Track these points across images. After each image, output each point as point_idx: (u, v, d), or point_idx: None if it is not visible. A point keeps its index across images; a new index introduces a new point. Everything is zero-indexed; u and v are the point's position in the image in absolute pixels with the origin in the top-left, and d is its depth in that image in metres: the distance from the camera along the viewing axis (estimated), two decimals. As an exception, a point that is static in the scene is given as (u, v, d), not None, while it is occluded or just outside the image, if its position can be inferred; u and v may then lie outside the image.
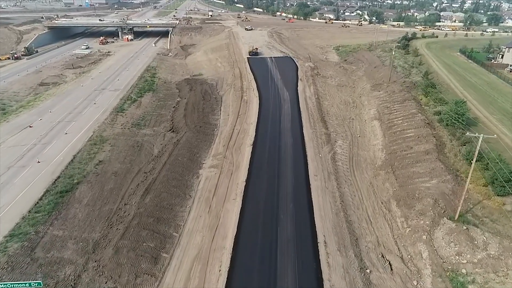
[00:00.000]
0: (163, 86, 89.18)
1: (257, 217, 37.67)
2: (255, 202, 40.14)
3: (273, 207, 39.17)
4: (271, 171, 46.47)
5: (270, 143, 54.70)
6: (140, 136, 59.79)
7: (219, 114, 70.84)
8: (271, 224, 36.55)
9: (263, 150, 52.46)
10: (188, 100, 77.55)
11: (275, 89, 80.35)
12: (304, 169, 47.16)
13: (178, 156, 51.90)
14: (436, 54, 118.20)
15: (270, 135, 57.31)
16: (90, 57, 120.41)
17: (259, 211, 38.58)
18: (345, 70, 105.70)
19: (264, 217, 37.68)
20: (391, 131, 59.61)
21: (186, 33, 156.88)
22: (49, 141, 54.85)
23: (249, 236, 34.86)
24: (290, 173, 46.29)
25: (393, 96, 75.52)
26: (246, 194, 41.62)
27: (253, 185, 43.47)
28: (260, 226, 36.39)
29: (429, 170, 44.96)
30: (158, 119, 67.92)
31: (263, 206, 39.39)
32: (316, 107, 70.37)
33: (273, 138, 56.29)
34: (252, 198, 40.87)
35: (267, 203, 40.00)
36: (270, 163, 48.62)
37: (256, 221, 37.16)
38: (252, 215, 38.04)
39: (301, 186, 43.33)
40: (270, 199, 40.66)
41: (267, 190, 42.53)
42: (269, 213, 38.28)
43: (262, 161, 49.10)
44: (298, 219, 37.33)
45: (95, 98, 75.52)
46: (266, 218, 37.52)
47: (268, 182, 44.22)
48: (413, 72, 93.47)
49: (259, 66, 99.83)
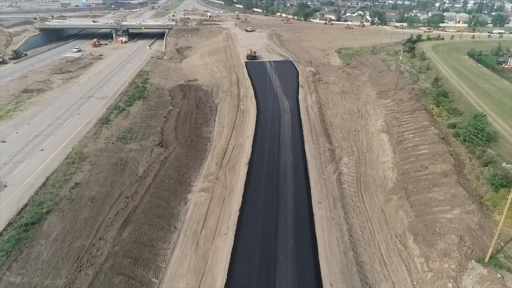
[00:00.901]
0: (155, 93, 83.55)
1: (251, 259, 32.09)
2: (250, 238, 34.55)
3: (270, 245, 33.58)
4: (269, 198, 40.87)
5: (268, 161, 49.09)
6: (125, 152, 54.18)
7: (213, 125, 65.22)
8: (268, 268, 30.97)
9: (260, 170, 46.85)
10: (180, 109, 71.94)
11: (274, 97, 74.72)
12: (306, 195, 41.56)
13: (165, 177, 46.29)
14: (444, 57, 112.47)
15: (268, 152, 51.68)
16: (80, 61, 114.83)
17: (254, 251, 32.99)
18: (348, 75, 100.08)
19: (260, 258, 32.10)
20: (401, 146, 53.96)
21: (183, 35, 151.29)
22: (22, 160, 49.23)
23: (241, 285, 29.22)
24: (290, 200, 40.68)
25: (402, 105, 69.87)
26: (239, 227, 36.04)
27: (248, 215, 37.88)
28: (255, 271, 30.81)
29: (449, 196, 39.33)
30: (147, 131, 62.31)
31: (259, 244, 33.78)
32: (319, 118, 64.75)
33: (271, 156, 50.66)
34: (246, 233, 35.28)
35: (264, 239, 34.42)
36: (267, 187, 43.02)
37: (250, 264, 31.56)
38: (245, 255, 32.46)
39: (303, 217, 37.73)
40: (268, 234, 35.06)
41: (264, 222, 36.94)
42: (266, 253, 32.71)
43: (258, 185, 43.49)
44: (300, 262, 31.73)
45: (79, 108, 69.90)
46: (263, 259, 31.94)
47: (265, 211, 38.63)
48: (421, 77, 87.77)
49: (257, 71, 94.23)
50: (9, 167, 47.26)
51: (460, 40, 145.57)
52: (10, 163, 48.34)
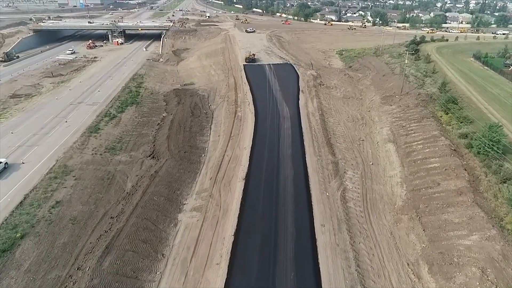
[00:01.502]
0: (149, 98, 79.84)
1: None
2: (245, 269, 30.84)
3: (268, 279, 29.83)
4: (267, 220, 37.16)
5: (266, 176, 45.37)
6: (113, 164, 50.49)
7: (209, 134, 61.50)
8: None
9: (258, 187, 43.12)
10: (174, 117, 68.20)
11: (274, 103, 70.99)
12: (308, 216, 37.83)
13: (154, 195, 42.57)
14: (449, 60, 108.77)
15: (267, 166, 47.94)
16: (74, 64, 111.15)
17: (249, 285, 29.23)
18: (350, 79, 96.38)
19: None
20: (410, 158, 50.22)
21: (180, 36, 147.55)
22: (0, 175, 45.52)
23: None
24: (290, 222, 36.96)
25: (408, 112, 66.16)
26: (233, 255, 32.29)
27: (243, 241, 34.16)
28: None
29: (465, 219, 35.61)
30: (138, 141, 58.61)
31: (255, 277, 30.05)
32: (321, 126, 61.01)
33: (269, 170, 46.93)
34: (241, 263, 31.56)
35: (261, 271, 30.68)
36: (265, 207, 39.30)
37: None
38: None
39: (305, 243, 34.00)
40: (265, 265, 31.32)
41: (261, 249, 33.22)
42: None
43: (255, 204, 39.77)
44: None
45: (68, 115, 66.20)
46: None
47: (262, 236, 34.92)
48: (427, 82, 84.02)
49: (256, 75, 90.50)
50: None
51: (464, 41, 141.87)
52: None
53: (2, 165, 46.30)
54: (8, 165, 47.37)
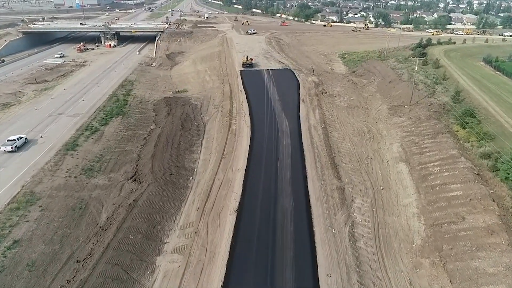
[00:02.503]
0: (137, 108, 73.67)
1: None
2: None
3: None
4: (261, 269, 30.91)
5: (261, 208, 39.15)
6: (89, 189, 44.34)
7: (199, 151, 55.27)
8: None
9: (251, 222, 36.92)
10: (162, 130, 62.03)
11: (272, 115, 64.77)
12: (311, 263, 31.61)
13: (131, 231, 36.37)
14: (459, 64, 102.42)
15: (263, 193, 41.73)
16: (61, 68, 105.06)
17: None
18: (354, 85, 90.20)
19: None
20: (426, 183, 44.00)
21: (175, 38, 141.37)
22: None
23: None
24: (290, 273, 30.68)
25: (420, 125, 59.92)
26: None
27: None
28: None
29: (502, 269, 29.44)
30: (120, 159, 52.44)
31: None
32: (324, 143, 54.78)
33: (266, 198, 40.72)
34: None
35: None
36: (260, 250, 33.09)
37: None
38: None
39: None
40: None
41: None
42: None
43: (248, 246, 33.56)
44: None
45: (44, 129, 60.08)
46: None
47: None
48: (438, 90, 77.81)
49: (253, 81, 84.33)
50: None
51: (473, 44, 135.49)
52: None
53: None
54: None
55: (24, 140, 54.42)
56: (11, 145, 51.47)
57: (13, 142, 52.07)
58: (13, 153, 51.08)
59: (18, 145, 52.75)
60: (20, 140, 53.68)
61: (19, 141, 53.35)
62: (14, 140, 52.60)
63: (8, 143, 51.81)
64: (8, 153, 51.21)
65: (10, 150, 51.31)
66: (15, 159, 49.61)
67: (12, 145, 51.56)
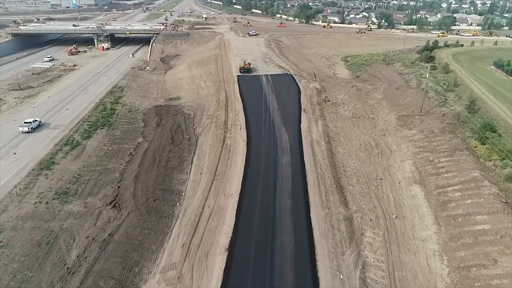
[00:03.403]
0: (125, 118, 68.15)
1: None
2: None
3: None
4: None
5: (256, 245, 33.53)
6: (61, 218, 38.85)
7: (189, 170, 49.69)
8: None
9: (244, 266, 31.29)
10: (150, 144, 56.51)
11: (270, 127, 59.16)
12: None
13: (102, 275, 30.83)
14: (469, 69, 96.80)
15: (258, 227, 36.12)
16: (49, 73, 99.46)
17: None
18: (359, 92, 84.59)
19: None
20: (447, 213, 38.39)
21: (171, 41, 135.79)
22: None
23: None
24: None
25: (434, 140, 54.30)
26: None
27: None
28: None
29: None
30: (100, 180, 46.92)
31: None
32: (328, 161, 49.15)
33: (262, 233, 35.13)
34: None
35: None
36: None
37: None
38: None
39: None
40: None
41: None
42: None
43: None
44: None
45: (19, 144, 54.54)
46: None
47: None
48: (450, 98, 72.17)
49: (251, 88, 78.72)
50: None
51: (481, 46, 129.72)
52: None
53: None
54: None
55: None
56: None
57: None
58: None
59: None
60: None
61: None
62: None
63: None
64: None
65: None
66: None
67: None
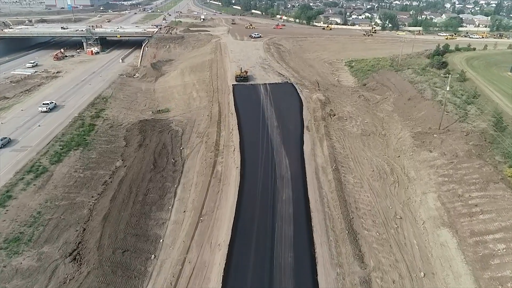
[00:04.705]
0: (104, 135, 60.28)
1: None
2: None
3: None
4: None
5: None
6: (3, 279, 30.92)
7: (171, 206, 41.69)
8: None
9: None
10: (128, 170, 48.58)
11: (268, 150, 51.12)
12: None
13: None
14: (486, 76, 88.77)
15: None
16: (29, 81, 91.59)
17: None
18: (366, 102, 76.68)
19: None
20: (490, 273, 30.34)
21: (164, 44, 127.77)
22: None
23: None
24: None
25: (460, 166, 46.25)
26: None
27: None
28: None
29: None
30: (64, 220, 39.02)
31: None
32: (336, 194, 41.16)
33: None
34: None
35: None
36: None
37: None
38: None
39: None
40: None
41: None
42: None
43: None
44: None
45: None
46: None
47: None
48: (471, 111, 64.15)
49: (247, 100, 70.76)
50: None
51: (495, 50, 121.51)
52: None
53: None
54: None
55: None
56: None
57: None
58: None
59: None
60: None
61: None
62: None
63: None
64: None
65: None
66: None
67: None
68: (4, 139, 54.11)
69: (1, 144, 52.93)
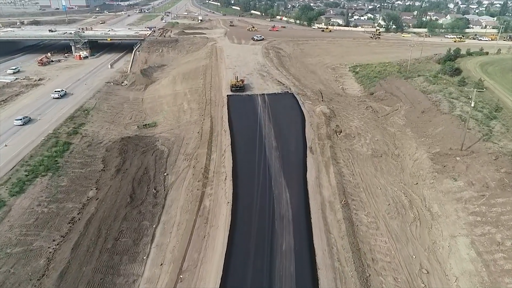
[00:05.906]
0: (80, 157, 52.84)
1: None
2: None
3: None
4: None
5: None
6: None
7: (146, 256, 34.19)
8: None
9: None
10: (100, 205, 41.13)
11: (266, 178, 43.66)
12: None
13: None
14: (504, 84, 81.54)
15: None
16: (7, 89, 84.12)
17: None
18: (375, 115, 69.41)
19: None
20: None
21: (157, 48, 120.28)
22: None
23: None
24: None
25: (494, 202, 38.81)
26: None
27: None
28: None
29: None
30: (13, 275, 31.67)
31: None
32: (348, 242, 33.69)
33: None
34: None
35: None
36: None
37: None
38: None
39: None
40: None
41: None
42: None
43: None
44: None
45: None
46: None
47: None
48: (496, 128, 56.79)
49: (243, 114, 63.38)
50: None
51: (509, 55, 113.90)
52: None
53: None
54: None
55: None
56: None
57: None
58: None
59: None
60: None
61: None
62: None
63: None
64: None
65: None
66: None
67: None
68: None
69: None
